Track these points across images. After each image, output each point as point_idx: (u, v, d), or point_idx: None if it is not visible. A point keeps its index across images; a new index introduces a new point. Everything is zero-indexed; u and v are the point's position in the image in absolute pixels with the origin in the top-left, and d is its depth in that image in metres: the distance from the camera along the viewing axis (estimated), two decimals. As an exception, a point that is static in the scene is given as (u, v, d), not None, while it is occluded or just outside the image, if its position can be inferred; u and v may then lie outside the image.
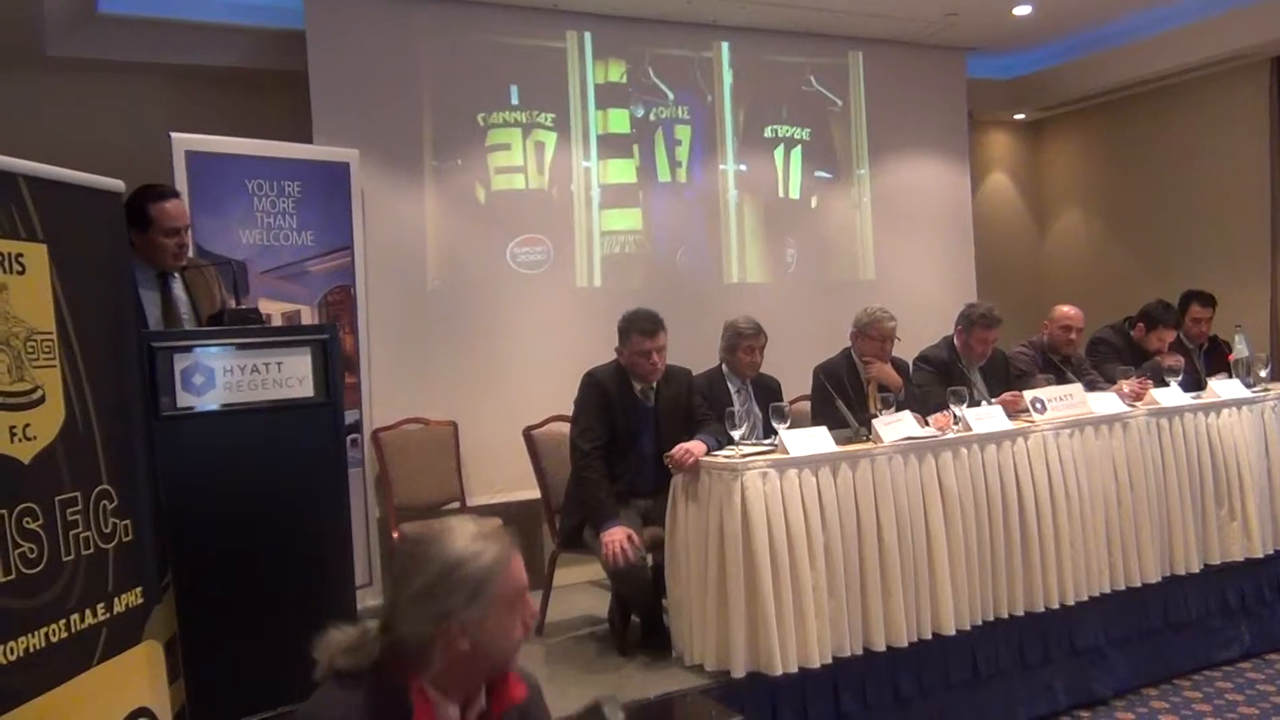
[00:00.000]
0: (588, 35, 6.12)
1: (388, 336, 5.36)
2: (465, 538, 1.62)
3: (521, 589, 1.66)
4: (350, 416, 4.97)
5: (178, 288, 3.42)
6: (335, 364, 3.36)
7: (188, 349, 3.01)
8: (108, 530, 2.45)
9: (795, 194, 6.79)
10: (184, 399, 2.99)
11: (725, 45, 6.51)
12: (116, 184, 2.59)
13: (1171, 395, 4.73)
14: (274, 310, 4.83)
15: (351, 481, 4.85)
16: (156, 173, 4.11)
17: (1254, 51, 6.33)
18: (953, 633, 3.87)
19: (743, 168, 6.60)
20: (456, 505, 5.41)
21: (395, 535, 5.07)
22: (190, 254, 3.69)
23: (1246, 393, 4.93)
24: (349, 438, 4.93)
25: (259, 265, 4.76)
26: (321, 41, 5.36)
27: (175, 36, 5.42)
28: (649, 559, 4.17)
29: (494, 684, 1.71)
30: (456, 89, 5.77)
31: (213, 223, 4.65)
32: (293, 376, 3.32)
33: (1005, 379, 4.99)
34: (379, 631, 1.61)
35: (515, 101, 5.94)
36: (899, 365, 4.89)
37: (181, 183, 4.51)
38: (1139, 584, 4.39)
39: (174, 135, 4.57)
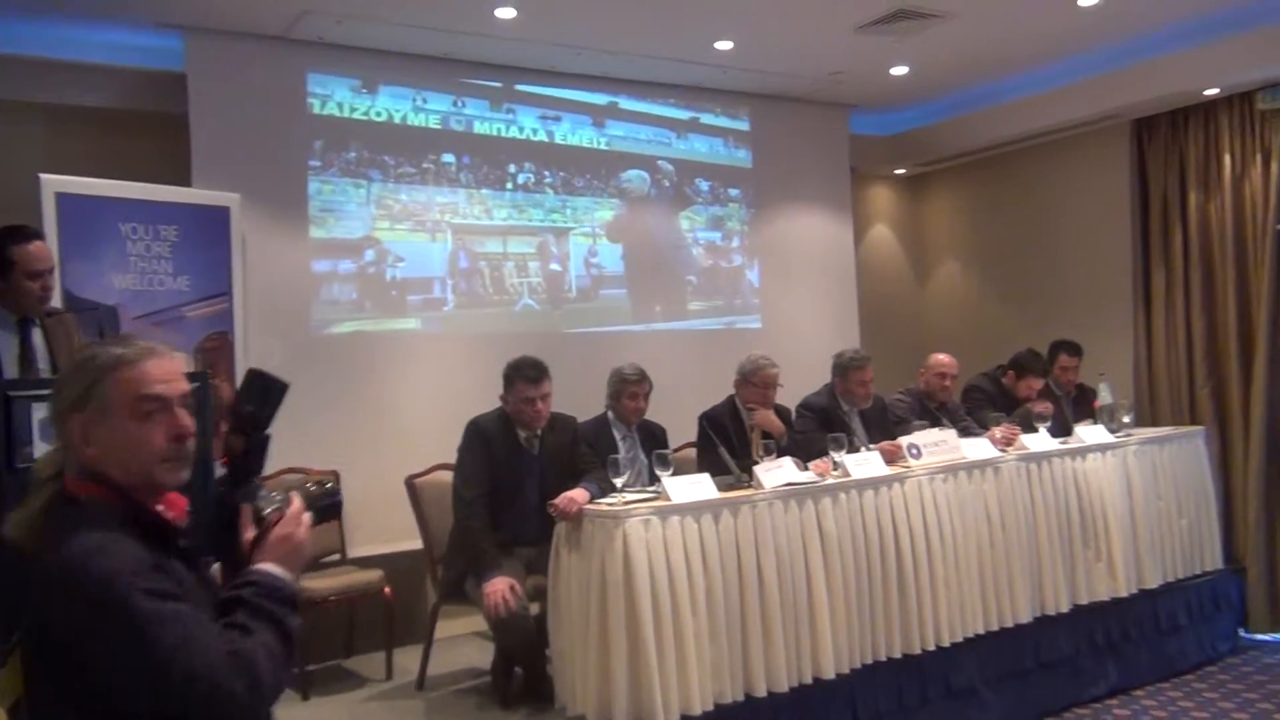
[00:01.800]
0: (478, 84, 6.15)
1: (268, 384, 5.23)
2: (107, 344, 1.65)
3: (149, 395, 1.63)
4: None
5: (37, 335, 3.31)
6: (206, 413, 3.27)
7: (47, 398, 2.90)
8: (-50, 588, 2.33)
9: (683, 243, 6.90)
10: (42, 450, 2.88)
11: (617, 97, 6.61)
12: (-31, 227, 2.50)
13: (1040, 441, 4.91)
14: (148, 357, 4.68)
15: (226, 533, 4.72)
16: (26, 215, 3.99)
17: (1116, 114, 6.68)
18: (832, 676, 3.91)
19: (632, 215, 6.68)
20: (337, 557, 5.29)
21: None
22: (56, 301, 3.58)
23: (1110, 438, 5.14)
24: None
25: (132, 310, 4.62)
26: (202, 84, 5.27)
27: (50, 76, 5.25)
28: (531, 609, 4.15)
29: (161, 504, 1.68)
30: (342, 133, 5.73)
31: (83, 267, 4.52)
32: (160, 426, 3.24)
33: (884, 425, 5.12)
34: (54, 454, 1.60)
35: (405, 146, 5.92)
36: (782, 412, 4.98)
37: (51, 225, 4.38)
38: (1011, 624, 4.50)
39: (43, 177, 4.44)
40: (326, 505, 1.78)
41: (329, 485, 1.84)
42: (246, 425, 1.76)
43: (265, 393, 1.80)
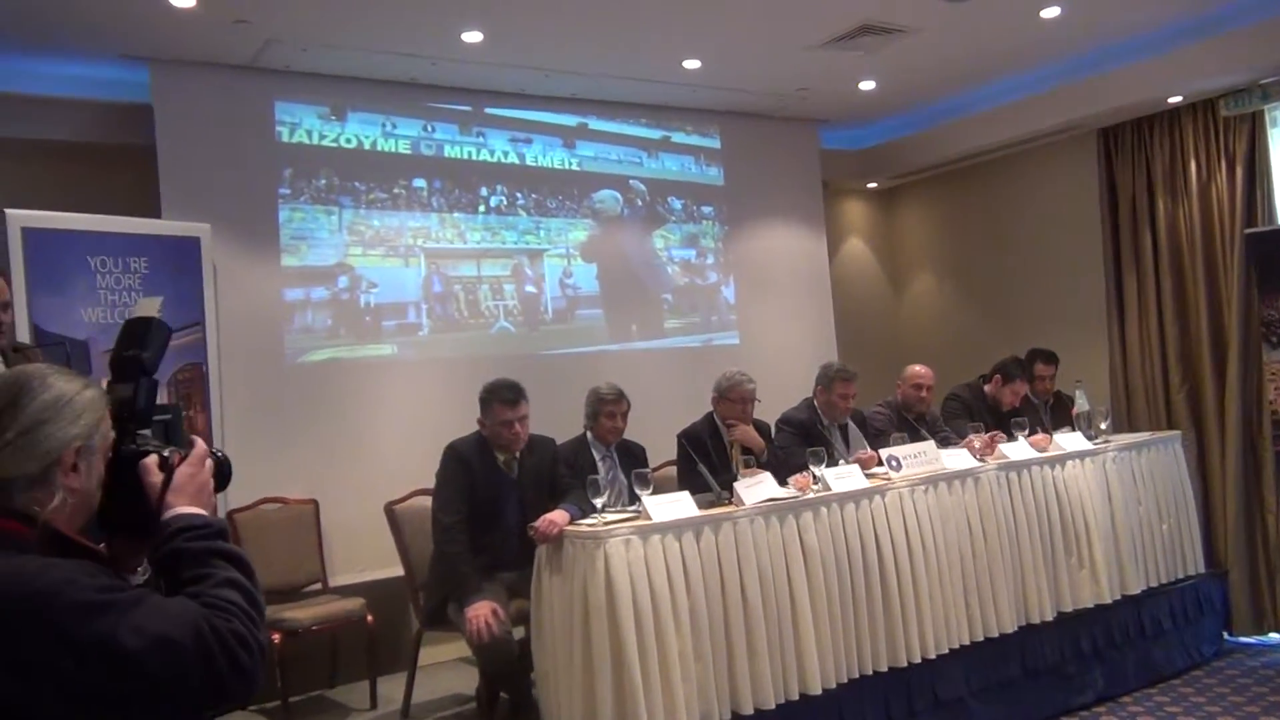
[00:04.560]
0: (447, 108, 6.14)
1: (242, 414, 5.20)
2: (60, 378, 1.51)
3: (110, 444, 1.55)
4: (202, 499, 4.78)
5: (18, 367, 3.24)
6: (179, 444, 3.23)
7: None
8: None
9: (658, 261, 6.90)
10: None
11: (586, 118, 6.62)
12: (-70, 263, 2.47)
13: (1019, 449, 4.92)
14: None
15: (203, 566, 4.67)
16: (-11, 250, 3.94)
17: (1082, 123, 6.74)
18: (819, 692, 3.89)
19: (605, 235, 6.68)
20: (318, 585, 5.23)
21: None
22: (24, 336, 3.53)
23: (1089, 445, 5.16)
24: (200, 521, 4.74)
25: (102, 344, 4.56)
26: (169, 115, 5.25)
27: (14, 110, 5.19)
28: (515, 633, 4.11)
29: None
30: (312, 161, 5.70)
31: (51, 301, 4.47)
32: (132, 459, 3.20)
33: (863, 438, 5.12)
34: None
35: (375, 172, 5.90)
36: (761, 427, 4.97)
37: (17, 261, 4.34)
38: (996, 634, 4.49)
39: (8, 211, 4.40)
40: (223, 458, 1.66)
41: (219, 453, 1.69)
42: (134, 371, 1.62)
43: (146, 335, 1.65)
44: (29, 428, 1.44)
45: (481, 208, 6.25)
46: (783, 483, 4.19)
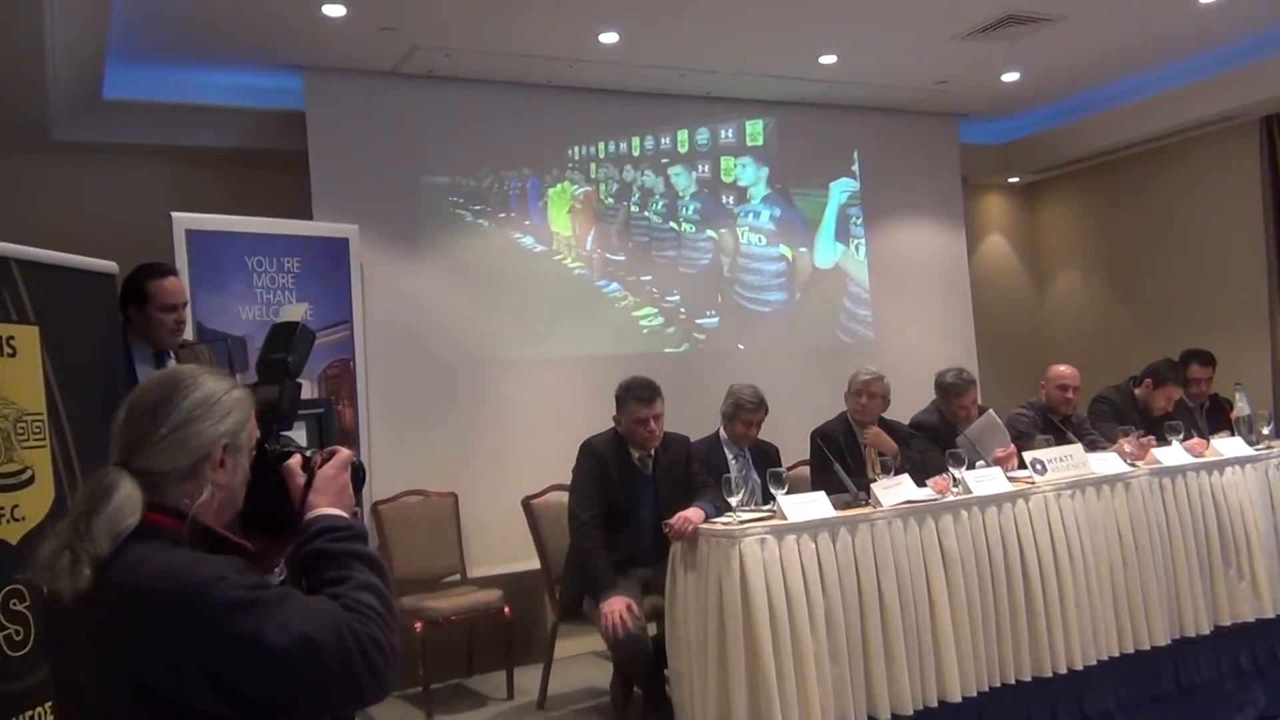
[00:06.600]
0: (592, 110, 6.22)
1: (388, 409, 5.38)
2: (211, 377, 1.56)
3: (255, 444, 1.60)
4: (350, 490, 4.96)
5: (172, 366, 3.45)
6: (331, 437, 3.38)
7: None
8: (97, 610, 2.43)
9: (796, 258, 6.84)
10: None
11: (727, 117, 6.62)
12: (109, 265, 2.63)
13: (1173, 454, 4.69)
14: (273, 385, 4.84)
15: (350, 555, 4.85)
16: (158, 252, 4.17)
17: (1243, 112, 6.41)
18: (959, 699, 3.79)
19: (744, 234, 6.66)
20: (457, 577, 5.37)
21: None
22: (188, 333, 3.74)
23: (1249, 450, 4.89)
24: (348, 511, 4.92)
25: (258, 341, 4.77)
26: (321, 121, 5.47)
27: (178, 119, 5.53)
28: (649, 629, 4.14)
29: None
30: (457, 164, 5.86)
31: (212, 299, 4.70)
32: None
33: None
34: (122, 474, 1.46)
35: (516, 175, 6.02)
36: (900, 431, 4.88)
37: (182, 261, 4.57)
38: (1148, 647, 4.30)
39: (174, 215, 4.64)
40: (358, 464, 1.69)
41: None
42: (279, 374, 1.68)
43: (291, 339, 1.71)
44: (181, 424, 1.49)
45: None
46: (920, 485, 4.11)
